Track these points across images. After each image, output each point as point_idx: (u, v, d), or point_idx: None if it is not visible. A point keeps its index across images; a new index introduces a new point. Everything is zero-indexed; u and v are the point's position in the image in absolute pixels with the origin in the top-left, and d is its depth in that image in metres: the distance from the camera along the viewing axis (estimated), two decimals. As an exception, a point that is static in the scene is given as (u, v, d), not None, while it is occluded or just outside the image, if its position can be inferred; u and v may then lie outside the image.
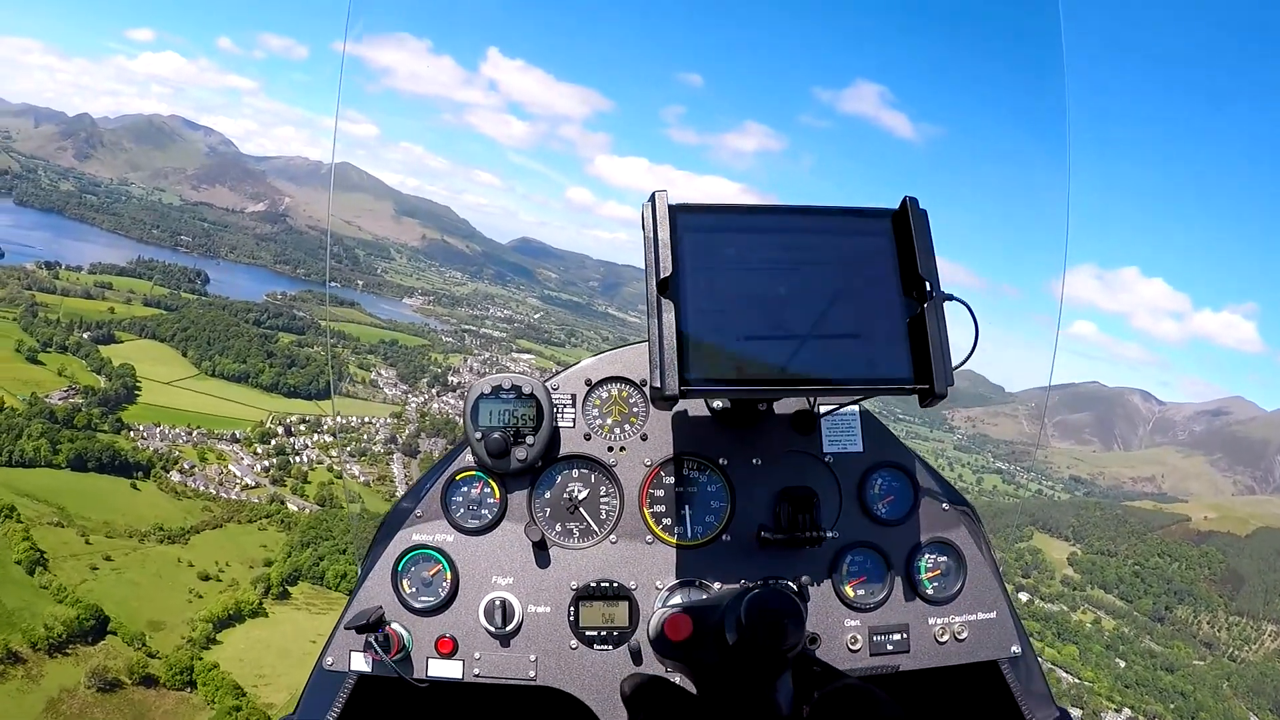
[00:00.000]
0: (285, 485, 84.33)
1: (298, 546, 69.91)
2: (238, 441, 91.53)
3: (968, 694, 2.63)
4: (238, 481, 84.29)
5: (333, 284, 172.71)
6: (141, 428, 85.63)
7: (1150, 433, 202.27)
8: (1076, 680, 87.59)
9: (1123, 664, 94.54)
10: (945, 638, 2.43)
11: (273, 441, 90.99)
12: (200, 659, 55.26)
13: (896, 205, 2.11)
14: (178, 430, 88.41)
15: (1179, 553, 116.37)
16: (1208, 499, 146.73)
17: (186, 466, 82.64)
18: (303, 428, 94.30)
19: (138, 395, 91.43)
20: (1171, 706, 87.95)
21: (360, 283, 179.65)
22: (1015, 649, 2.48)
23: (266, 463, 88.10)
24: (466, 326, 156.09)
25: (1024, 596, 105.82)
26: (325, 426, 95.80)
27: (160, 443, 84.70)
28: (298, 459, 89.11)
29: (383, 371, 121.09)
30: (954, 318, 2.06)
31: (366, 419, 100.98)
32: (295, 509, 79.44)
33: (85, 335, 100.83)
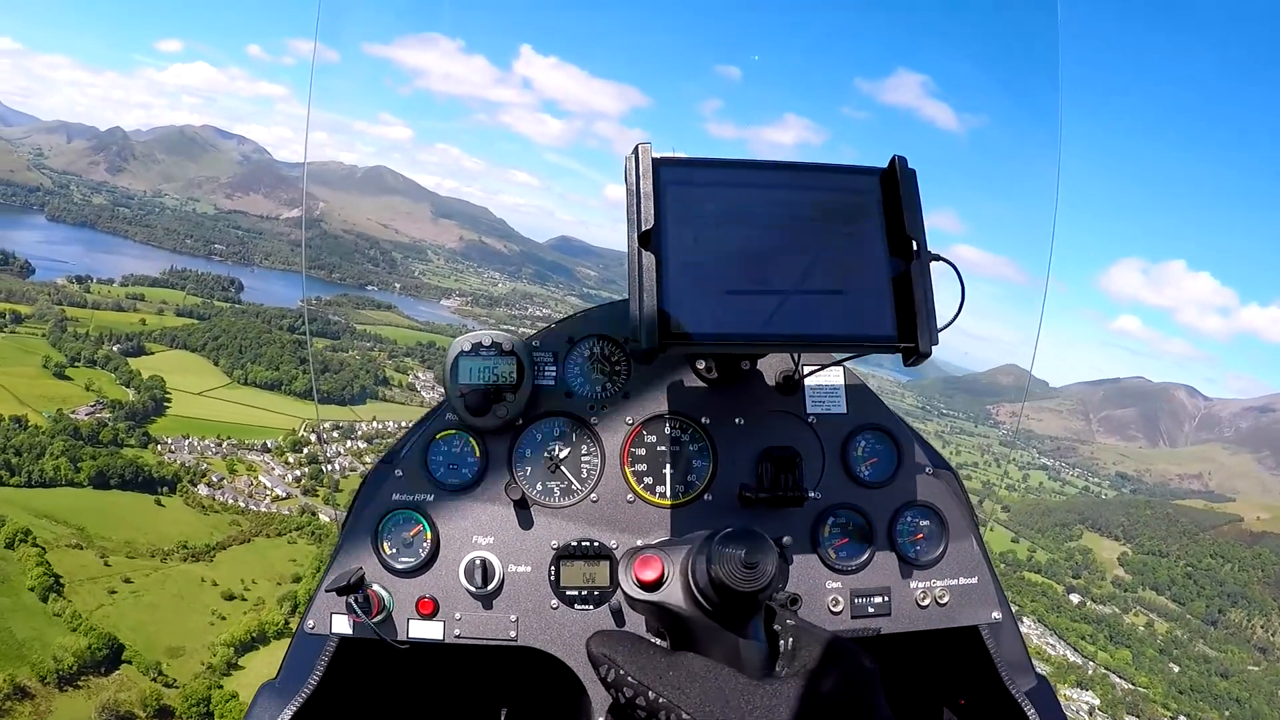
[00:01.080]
0: (318, 495, 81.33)
1: (328, 560, 66.58)
2: (268, 451, 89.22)
3: (948, 659, 2.60)
4: (268, 493, 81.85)
5: (370, 287, 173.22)
6: (170, 441, 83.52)
7: (1196, 429, 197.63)
8: (1131, 686, 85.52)
9: (1176, 669, 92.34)
10: (927, 602, 2.40)
11: (305, 450, 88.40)
12: (220, 687, 51.93)
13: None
14: (207, 441, 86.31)
15: (1231, 554, 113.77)
16: (1255, 498, 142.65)
17: (215, 479, 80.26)
18: (335, 434, 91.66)
19: (167, 407, 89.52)
20: (1226, 714, 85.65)
21: (398, 285, 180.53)
22: (996, 615, 2.44)
23: (298, 472, 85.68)
24: (505, 326, 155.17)
25: (1075, 598, 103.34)
26: (359, 432, 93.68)
27: (188, 455, 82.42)
28: (330, 467, 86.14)
29: (420, 374, 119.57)
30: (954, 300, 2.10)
31: (404, 423, 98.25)
32: (327, 519, 75.81)
33: (115, 348, 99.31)
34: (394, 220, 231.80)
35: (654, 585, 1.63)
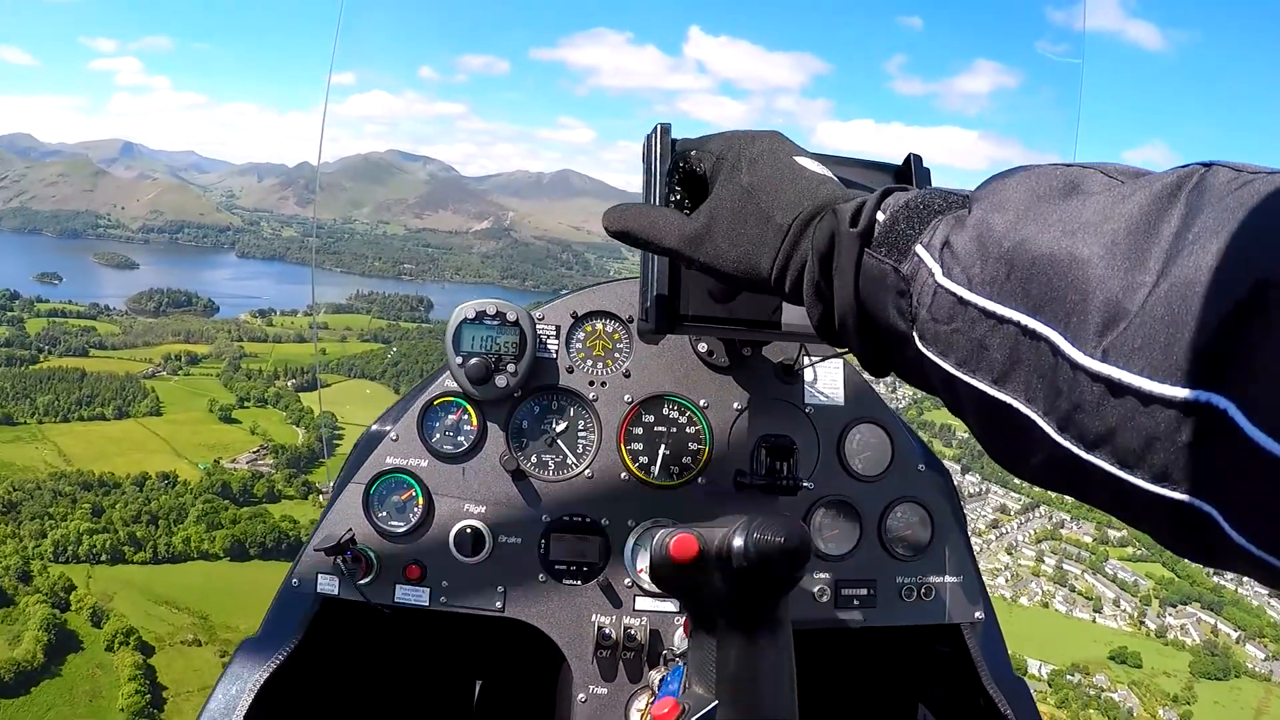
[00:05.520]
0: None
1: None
2: (444, 487, 76.22)
3: (929, 656, 2.57)
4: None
5: (564, 291, 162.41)
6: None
7: None
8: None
9: None
10: (912, 597, 2.37)
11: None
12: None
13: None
14: (376, 483, 74.06)
15: None
16: None
17: (378, 530, 67.70)
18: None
19: (338, 445, 77.97)
20: None
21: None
22: (979, 614, 2.41)
23: (481, 506, 72.03)
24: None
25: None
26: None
27: (353, 502, 70.36)
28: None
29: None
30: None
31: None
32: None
33: (290, 383, 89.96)
34: (585, 222, 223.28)
35: (688, 564, 1.58)
